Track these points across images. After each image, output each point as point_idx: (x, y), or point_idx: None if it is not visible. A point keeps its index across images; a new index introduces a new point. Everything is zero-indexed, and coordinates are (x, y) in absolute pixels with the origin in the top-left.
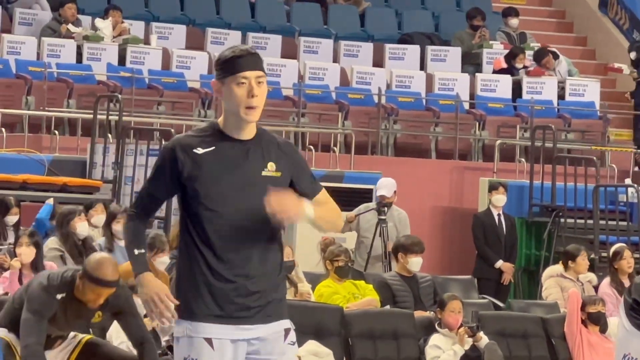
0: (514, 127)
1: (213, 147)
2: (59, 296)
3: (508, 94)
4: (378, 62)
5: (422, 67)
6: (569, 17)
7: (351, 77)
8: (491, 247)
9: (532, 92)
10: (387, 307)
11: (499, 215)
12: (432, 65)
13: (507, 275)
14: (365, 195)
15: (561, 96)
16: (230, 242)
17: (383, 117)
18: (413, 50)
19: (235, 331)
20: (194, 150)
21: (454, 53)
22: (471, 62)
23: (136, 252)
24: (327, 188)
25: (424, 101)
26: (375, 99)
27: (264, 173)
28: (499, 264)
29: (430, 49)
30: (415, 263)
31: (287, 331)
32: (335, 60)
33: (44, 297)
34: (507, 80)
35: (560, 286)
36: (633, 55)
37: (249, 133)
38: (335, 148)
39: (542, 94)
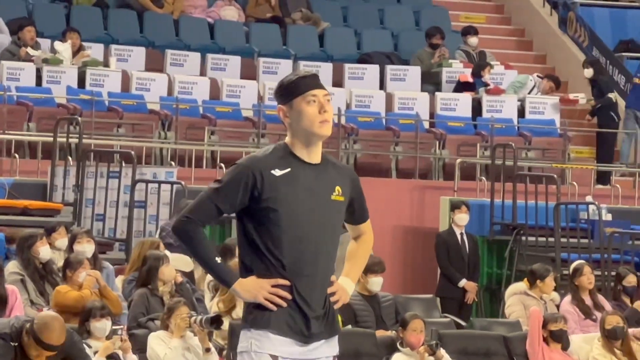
0: (474, 146)
1: (289, 169)
2: (12, 344)
3: (468, 113)
4: (337, 82)
5: (382, 86)
6: (529, 35)
7: None
8: (454, 266)
9: (492, 111)
10: (349, 326)
11: (461, 234)
12: (392, 84)
13: (471, 294)
14: None
15: (521, 114)
16: (301, 263)
17: (343, 137)
18: (372, 69)
19: (300, 350)
20: (272, 172)
21: (414, 72)
22: (431, 82)
23: (219, 260)
24: None
25: (383, 121)
26: (335, 119)
27: (332, 197)
28: (463, 283)
29: (389, 68)
30: (375, 283)
31: None
32: None
33: (1, 342)
34: (466, 99)
35: (524, 304)
36: (589, 72)
37: (317, 156)
38: None
39: (502, 112)
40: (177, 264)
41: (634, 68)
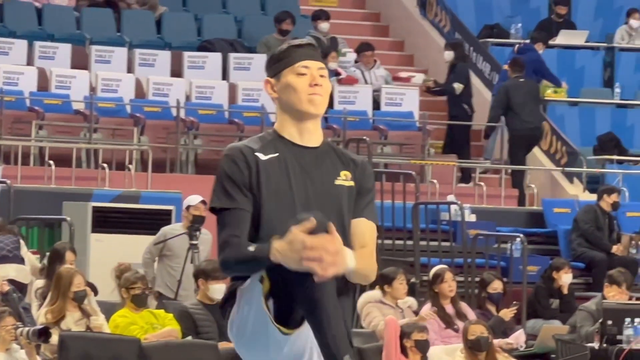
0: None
1: (277, 154)
2: None
3: None
4: (176, 72)
5: (225, 76)
6: (385, 19)
7: (147, 89)
8: None
9: (345, 102)
10: (189, 337)
11: None
12: (235, 74)
13: None
14: (164, 217)
15: (377, 106)
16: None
17: (182, 131)
18: (214, 58)
19: None
20: (257, 154)
21: (259, 61)
22: None
23: (251, 248)
24: (123, 210)
25: (226, 114)
26: (174, 111)
27: (337, 182)
28: None
29: (232, 56)
30: (217, 290)
31: None
32: (130, 70)
33: None
34: None
35: (380, 313)
36: (449, 55)
37: (314, 138)
38: (130, 166)
39: (355, 103)
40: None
41: (499, 54)
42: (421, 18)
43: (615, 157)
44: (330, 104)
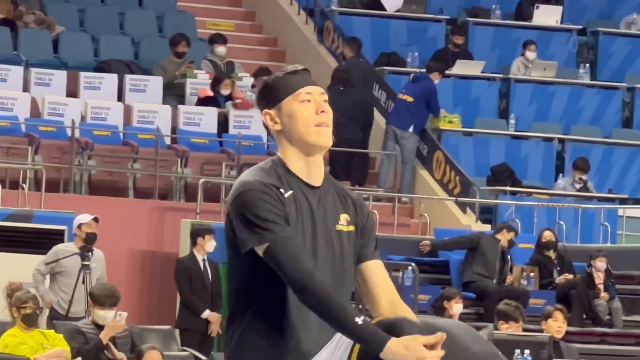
0: (220, 165)
1: (291, 191)
2: None
3: (213, 129)
4: (72, 92)
5: (120, 97)
6: (282, 45)
7: (42, 108)
8: (197, 295)
9: (240, 127)
10: (79, 358)
11: (204, 260)
12: (131, 95)
13: (215, 326)
14: (56, 237)
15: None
16: (296, 305)
17: (77, 151)
18: (110, 79)
19: None
20: (281, 190)
21: (155, 83)
22: (174, 94)
23: (359, 321)
24: (15, 229)
25: (121, 135)
26: (69, 132)
27: (337, 227)
28: (206, 314)
29: (128, 78)
30: (101, 317)
31: None
32: (26, 89)
33: None
34: (212, 113)
35: None
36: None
37: (319, 174)
38: (24, 185)
39: (250, 128)
40: None
41: (395, 82)
42: (318, 44)
43: (508, 188)
44: (225, 128)
